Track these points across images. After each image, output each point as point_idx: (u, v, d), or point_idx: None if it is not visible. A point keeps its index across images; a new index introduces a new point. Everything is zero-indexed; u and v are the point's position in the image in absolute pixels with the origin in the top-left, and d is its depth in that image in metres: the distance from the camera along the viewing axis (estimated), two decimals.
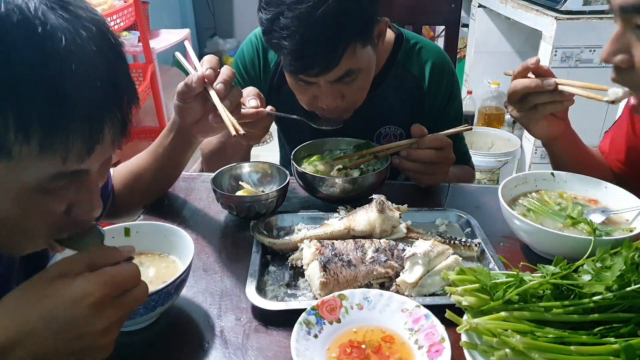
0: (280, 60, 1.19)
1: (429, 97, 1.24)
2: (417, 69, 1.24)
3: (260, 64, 1.26)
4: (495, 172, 2.65)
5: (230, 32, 4.61)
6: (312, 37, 0.92)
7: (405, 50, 1.24)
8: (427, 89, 1.24)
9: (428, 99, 1.24)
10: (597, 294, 0.64)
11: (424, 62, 1.24)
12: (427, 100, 1.24)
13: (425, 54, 1.24)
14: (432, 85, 1.23)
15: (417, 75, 1.24)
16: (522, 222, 0.85)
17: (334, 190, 1.00)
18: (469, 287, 0.67)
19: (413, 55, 1.24)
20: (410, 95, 1.24)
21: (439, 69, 1.24)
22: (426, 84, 1.23)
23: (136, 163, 1.04)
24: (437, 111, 1.26)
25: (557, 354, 0.59)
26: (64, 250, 0.64)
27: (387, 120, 1.26)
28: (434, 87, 1.24)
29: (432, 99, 1.24)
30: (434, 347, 0.66)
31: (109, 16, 2.08)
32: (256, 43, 1.26)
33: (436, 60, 1.24)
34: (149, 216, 1.04)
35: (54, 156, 0.51)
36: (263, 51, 1.26)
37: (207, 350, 0.71)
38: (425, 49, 1.25)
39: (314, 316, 0.71)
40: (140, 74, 2.53)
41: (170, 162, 1.02)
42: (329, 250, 0.81)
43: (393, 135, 1.27)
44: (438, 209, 1.01)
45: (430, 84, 1.23)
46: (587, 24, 2.02)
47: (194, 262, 0.75)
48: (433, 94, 1.24)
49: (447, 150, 1.03)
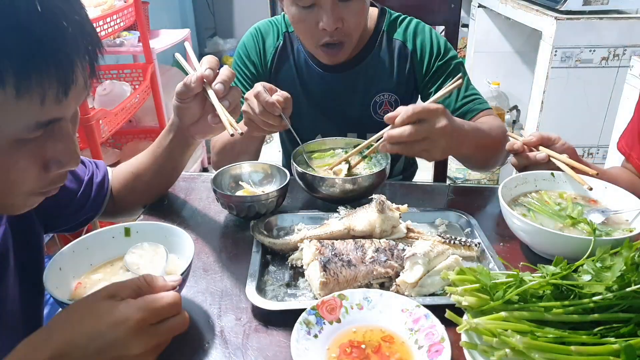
0: (279, 45, 1.32)
1: (415, 55, 1.29)
2: (401, 35, 1.31)
3: (260, 51, 1.33)
4: (495, 172, 2.65)
5: (230, 32, 4.61)
6: None
7: (389, 20, 1.32)
8: (412, 49, 1.29)
9: (415, 58, 1.29)
10: (597, 294, 0.64)
11: (407, 28, 1.31)
12: (416, 61, 1.29)
13: (407, 22, 1.32)
14: (415, 44, 1.29)
15: (402, 40, 1.30)
16: (522, 222, 0.85)
17: (334, 190, 1.00)
18: (469, 287, 0.67)
19: (396, 24, 1.32)
20: (399, 59, 1.30)
21: (420, 30, 1.31)
22: (410, 45, 1.30)
23: (135, 163, 1.04)
24: (429, 65, 1.29)
25: (557, 354, 0.59)
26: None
27: (380, 89, 1.31)
28: (419, 46, 1.29)
29: (420, 57, 1.29)
30: (434, 347, 0.66)
31: (108, 16, 2.08)
32: (255, 34, 1.35)
33: (417, 24, 1.32)
34: (149, 216, 1.04)
35: (31, 100, 0.52)
36: (262, 41, 1.34)
37: (207, 350, 0.71)
38: (407, 19, 1.33)
39: (314, 316, 0.71)
40: (140, 74, 2.53)
41: (169, 162, 1.02)
42: (329, 250, 0.81)
43: (388, 102, 1.32)
44: (438, 209, 1.01)
45: (414, 44, 1.29)
46: (587, 24, 2.02)
47: (194, 262, 0.75)
48: (419, 53, 1.29)
49: (432, 121, 0.92)
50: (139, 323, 0.57)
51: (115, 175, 1.03)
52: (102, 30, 2.02)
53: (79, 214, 0.96)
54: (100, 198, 0.98)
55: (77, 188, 0.94)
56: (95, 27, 0.63)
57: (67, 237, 1.80)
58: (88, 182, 0.96)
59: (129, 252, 0.77)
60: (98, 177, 0.98)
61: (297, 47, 1.32)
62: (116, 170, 1.04)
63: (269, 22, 1.35)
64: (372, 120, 1.32)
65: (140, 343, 0.57)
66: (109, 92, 2.26)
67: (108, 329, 0.56)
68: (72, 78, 0.54)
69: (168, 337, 0.61)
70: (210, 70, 0.88)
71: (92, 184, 0.97)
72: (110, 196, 1.01)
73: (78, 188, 0.94)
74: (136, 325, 0.57)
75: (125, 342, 0.56)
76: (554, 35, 2.05)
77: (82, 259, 0.78)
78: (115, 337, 0.56)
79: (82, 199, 0.95)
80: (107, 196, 1.00)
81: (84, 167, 0.97)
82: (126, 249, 0.80)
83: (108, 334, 0.56)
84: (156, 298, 0.60)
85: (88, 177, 0.96)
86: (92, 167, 0.99)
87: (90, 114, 1.92)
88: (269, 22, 1.35)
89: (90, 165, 0.99)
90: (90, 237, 0.80)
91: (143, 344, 0.57)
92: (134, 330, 0.56)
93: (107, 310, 0.57)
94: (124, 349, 0.56)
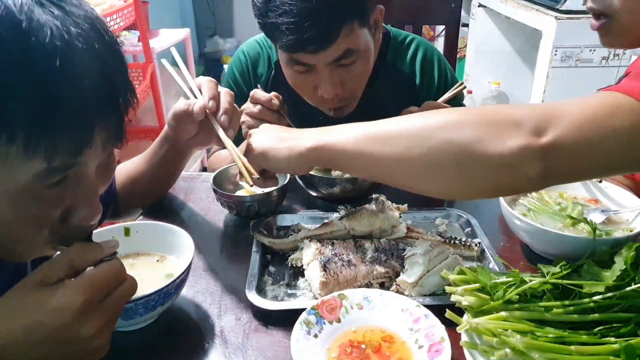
0: (271, 74, 1.22)
1: (423, 91, 1.23)
2: (407, 65, 1.23)
3: (251, 80, 1.26)
4: None
5: (230, 32, 4.60)
6: (309, 11, 0.91)
7: (394, 48, 1.23)
8: (419, 84, 1.23)
9: (422, 94, 1.23)
10: (597, 293, 0.64)
11: (413, 58, 1.23)
12: (422, 95, 1.23)
13: (413, 48, 1.24)
14: (424, 79, 1.23)
15: (408, 72, 1.23)
16: (522, 222, 0.85)
17: (334, 189, 1.00)
18: (469, 287, 0.67)
19: (401, 52, 1.24)
20: (404, 93, 1.23)
21: (429, 62, 1.23)
22: (418, 79, 1.23)
23: (132, 167, 1.02)
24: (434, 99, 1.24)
25: (557, 354, 0.59)
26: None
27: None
28: (427, 81, 1.23)
29: (426, 93, 1.23)
30: (434, 347, 0.66)
31: (108, 15, 2.08)
32: (245, 60, 1.27)
33: (425, 53, 1.24)
34: (149, 216, 1.04)
35: (38, 157, 0.49)
36: (252, 67, 1.26)
37: (207, 350, 0.71)
38: (412, 44, 1.24)
39: (314, 316, 0.71)
40: (140, 74, 2.53)
41: (165, 170, 1.01)
42: (329, 250, 0.81)
43: None
44: (438, 209, 1.01)
45: (422, 78, 1.23)
46: (587, 24, 2.01)
47: (194, 262, 0.75)
48: (426, 89, 1.23)
49: None
50: (84, 305, 0.51)
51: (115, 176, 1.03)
52: None
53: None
54: (107, 202, 0.95)
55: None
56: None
57: None
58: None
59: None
60: (112, 185, 0.96)
61: None
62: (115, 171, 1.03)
63: (256, 45, 1.27)
64: None
65: (90, 324, 0.52)
66: None
67: (48, 317, 0.50)
68: (89, 141, 0.51)
69: (119, 308, 0.56)
70: (213, 102, 0.84)
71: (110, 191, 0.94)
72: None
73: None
74: (81, 309, 0.51)
75: (72, 326, 0.51)
76: (554, 35, 2.05)
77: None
78: (59, 323, 0.50)
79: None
80: (112, 200, 0.99)
81: None
82: (126, 249, 0.80)
83: (49, 321, 0.50)
84: (96, 272, 0.54)
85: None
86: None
87: None
88: (257, 45, 1.26)
89: None
90: None
91: (93, 325, 0.52)
92: (79, 312, 0.51)
93: (43, 298, 0.51)
94: (72, 333, 0.51)
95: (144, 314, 0.69)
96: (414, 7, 1.53)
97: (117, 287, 0.55)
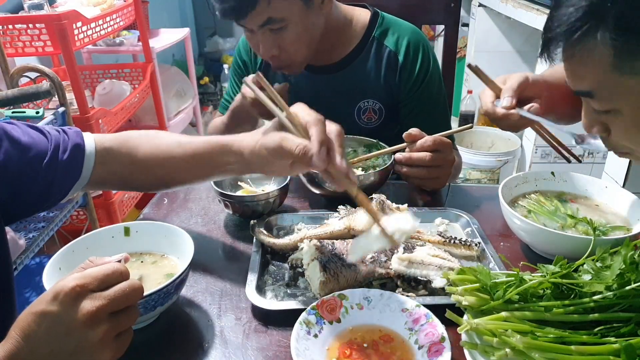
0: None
1: (405, 71, 1.25)
2: (392, 43, 1.25)
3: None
4: (495, 172, 2.65)
5: (230, 32, 4.60)
6: None
7: (381, 26, 1.27)
8: (402, 63, 1.25)
9: (404, 74, 1.25)
10: (597, 293, 0.64)
11: (399, 38, 1.25)
12: (403, 75, 1.25)
13: (401, 31, 1.26)
14: (407, 59, 1.24)
15: (392, 49, 1.25)
16: (523, 222, 0.85)
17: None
18: (469, 286, 0.67)
19: (389, 31, 1.26)
20: (387, 68, 1.26)
21: (414, 45, 1.25)
22: (401, 58, 1.24)
23: (164, 149, 0.86)
24: (412, 87, 1.25)
25: (558, 354, 0.59)
26: None
27: (365, 95, 1.28)
28: (410, 62, 1.24)
29: (408, 74, 1.25)
30: (434, 347, 0.66)
31: (108, 15, 2.07)
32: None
33: (412, 37, 1.26)
34: (149, 216, 1.04)
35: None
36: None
37: (207, 350, 0.71)
38: (401, 27, 1.27)
39: (314, 316, 0.71)
40: (139, 73, 2.53)
41: (199, 177, 0.87)
42: (329, 249, 0.81)
43: (372, 109, 1.29)
44: (438, 209, 1.01)
45: (405, 58, 1.24)
46: None
47: (193, 262, 0.75)
48: (409, 69, 1.25)
49: (445, 152, 1.03)
50: (76, 290, 0.54)
51: (124, 140, 0.88)
52: (101, 29, 2.02)
53: (49, 191, 0.82)
54: (77, 164, 0.84)
55: (33, 169, 0.80)
56: (95, 26, 0.59)
57: (67, 237, 1.80)
58: (53, 155, 0.81)
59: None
60: (68, 144, 0.83)
61: None
62: (129, 136, 0.89)
63: None
64: (355, 125, 1.28)
65: (82, 308, 0.54)
66: (109, 92, 2.26)
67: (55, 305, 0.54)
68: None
69: (116, 301, 0.56)
70: (325, 150, 0.71)
71: (57, 157, 0.82)
72: (95, 163, 0.85)
73: (34, 168, 0.80)
74: (73, 293, 0.54)
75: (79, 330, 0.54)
76: None
77: (82, 259, 0.77)
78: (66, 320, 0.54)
79: (48, 173, 0.81)
80: (85, 164, 0.85)
81: (44, 139, 0.82)
82: (126, 249, 0.80)
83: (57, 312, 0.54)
84: (94, 268, 0.58)
85: (52, 150, 0.81)
86: (56, 137, 0.83)
87: (89, 114, 1.92)
88: None
89: (54, 136, 0.83)
90: (90, 237, 0.80)
91: (86, 310, 0.54)
92: (71, 297, 0.54)
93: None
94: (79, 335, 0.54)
95: (144, 314, 0.69)
96: (413, 6, 1.52)
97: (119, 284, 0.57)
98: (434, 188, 1.11)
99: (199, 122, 3.13)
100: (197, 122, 3.10)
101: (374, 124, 1.29)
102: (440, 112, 1.30)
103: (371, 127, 1.28)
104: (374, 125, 1.29)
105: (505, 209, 0.89)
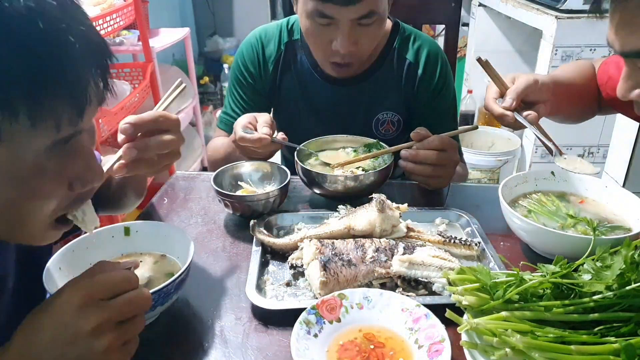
0: (280, 55, 1.27)
1: (423, 83, 1.26)
2: (412, 55, 1.26)
3: (260, 63, 1.29)
4: (495, 172, 2.64)
5: (230, 31, 4.59)
6: None
7: (402, 37, 1.27)
8: (421, 75, 1.26)
9: (421, 86, 1.26)
10: (597, 293, 0.64)
11: (419, 50, 1.26)
12: (421, 87, 1.26)
13: (420, 42, 1.27)
14: (426, 71, 1.26)
15: (412, 62, 1.26)
16: (523, 222, 0.85)
17: (336, 186, 1.01)
18: (469, 286, 0.67)
19: (409, 43, 1.27)
20: (406, 81, 1.27)
21: (434, 56, 1.26)
22: (420, 70, 1.25)
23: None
24: (428, 99, 1.27)
25: (558, 354, 0.59)
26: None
27: (384, 107, 1.28)
28: (428, 73, 1.26)
29: (426, 85, 1.26)
30: (434, 347, 0.66)
31: (108, 15, 2.07)
32: (255, 44, 1.29)
33: (431, 48, 1.27)
34: (149, 216, 1.04)
35: (46, 126, 0.49)
36: (262, 50, 1.29)
37: (207, 350, 0.71)
38: (420, 39, 1.28)
39: (314, 315, 0.71)
40: (139, 73, 2.53)
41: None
42: (329, 249, 0.81)
43: (390, 122, 1.29)
44: (438, 209, 1.01)
45: (424, 70, 1.25)
46: (587, 23, 2.02)
47: (193, 262, 0.75)
48: (427, 81, 1.26)
49: (451, 152, 1.04)
50: (84, 298, 0.54)
51: None
52: (101, 29, 2.02)
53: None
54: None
55: None
56: (95, 25, 0.59)
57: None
58: None
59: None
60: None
61: (300, 57, 1.27)
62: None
63: (274, 27, 1.31)
64: (372, 137, 1.24)
65: (88, 317, 0.53)
66: None
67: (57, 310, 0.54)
68: (86, 98, 0.51)
69: (123, 311, 0.56)
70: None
71: None
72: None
73: None
74: (80, 301, 0.53)
75: (74, 317, 0.53)
76: (554, 34, 2.05)
77: (82, 259, 0.78)
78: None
79: None
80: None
81: None
82: (126, 249, 0.80)
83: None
84: (103, 274, 0.57)
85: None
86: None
87: None
88: (274, 27, 1.31)
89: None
90: (90, 237, 0.80)
91: (93, 319, 0.53)
92: (77, 305, 0.53)
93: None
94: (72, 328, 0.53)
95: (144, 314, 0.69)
96: (414, 6, 1.53)
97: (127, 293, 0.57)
98: (436, 187, 1.11)
99: (199, 121, 3.13)
100: (197, 121, 3.10)
101: (391, 136, 1.29)
102: (449, 124, 1.30)
103: (388, 139, 1.26)
104: (391, 136, 1.29)
105: (505, 209, 0.89)
